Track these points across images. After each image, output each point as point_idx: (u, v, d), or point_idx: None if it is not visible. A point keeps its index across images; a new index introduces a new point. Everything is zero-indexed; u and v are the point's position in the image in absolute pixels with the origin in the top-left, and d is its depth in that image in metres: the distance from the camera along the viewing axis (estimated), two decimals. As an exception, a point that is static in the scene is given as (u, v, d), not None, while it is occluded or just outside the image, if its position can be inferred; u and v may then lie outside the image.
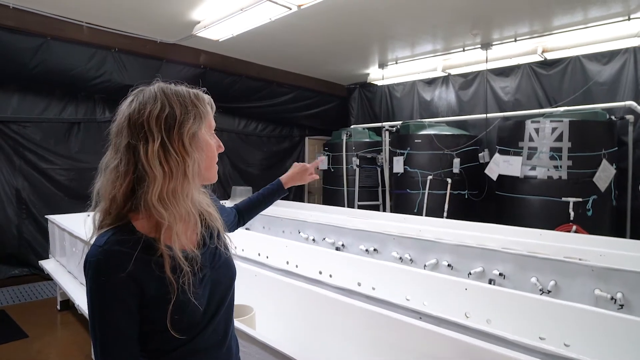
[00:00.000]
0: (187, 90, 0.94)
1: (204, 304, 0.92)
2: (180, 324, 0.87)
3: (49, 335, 3.48)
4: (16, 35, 4.08)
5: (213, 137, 0.98)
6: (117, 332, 0.83)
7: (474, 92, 5.80)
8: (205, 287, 0.93)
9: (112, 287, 0.82)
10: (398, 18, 4.23)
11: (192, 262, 0.90)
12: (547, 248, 2.75)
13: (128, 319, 0.83)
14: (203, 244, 0.97)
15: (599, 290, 2.31)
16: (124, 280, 0.81)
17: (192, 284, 0.87)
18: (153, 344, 0.89)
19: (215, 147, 0.98)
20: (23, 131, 4.73)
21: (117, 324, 0.83)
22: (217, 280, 0.97)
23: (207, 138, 0.95)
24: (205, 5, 3.88)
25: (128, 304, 0.83)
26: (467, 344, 1.35)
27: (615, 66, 4.59)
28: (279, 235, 4.10)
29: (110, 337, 0.83)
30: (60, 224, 3.72)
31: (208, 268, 0.96)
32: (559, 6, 3.84)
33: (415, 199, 5.18)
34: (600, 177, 3.99)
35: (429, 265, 2.98)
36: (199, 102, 0.94)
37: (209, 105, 0.98)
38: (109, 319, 0.83)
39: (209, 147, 0.95)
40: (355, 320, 1.69)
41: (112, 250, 0.83)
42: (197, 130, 0.91)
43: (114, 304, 0.82)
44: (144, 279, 0.83)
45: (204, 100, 0.96)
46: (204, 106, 0.94)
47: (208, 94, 1.00)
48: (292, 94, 6.69)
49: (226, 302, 1.00)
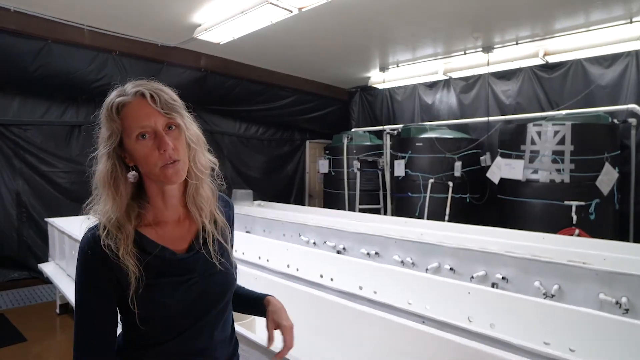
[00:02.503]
0: (110, 102, 0.91)
1: (182, 307, 0.93)
2: (148, 319, 0.90)
3: (48, 339, 3.45)
4: (17, 39, 4.08)
5: (142, 142, 0.89)
6: (89, 312, 0.91)
7: (475, 96, 5.79)
8: (187, 292, 0.94)
9: (88, 270, 0.90)
10: (399, 21, 4.23)
11: (169, 262, 0.94)
12: (550, 252, 2.72)
13: (100, 301, 0.90)
14: (192, 249, 0.98)
15: (604, 295, 2.28)
16: (99, 265, 0.88)
17: (158, 283, 0.91)
18: (133, 337, 0.94)
19: (151, 152, 0.89)
20: (24, 134, 4.72)
21: (90, 304, 0.91)
22: (206, 288, 0.97)
23: (132, 144, 0.89)
24: (207, 8, 3.88)
25: (101, 287, 0.89)
26: (471, 348, 1.33)
27: (617, 69, 4.58)
28: (279, 238, 4.08)
29: (83, 316, 0.91)
30: (60, 226, 3.70)
31: (197, 274, 0.96)
32: (561, 9, 3.83)
33: (417, 202, 5.15)
34: (603, 180, 3.96)
35: (430, 268, 2.95)
36: (111, 114, 0.90)
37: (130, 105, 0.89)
38: (84, 298, 0.91)
39: (136, 153, 0.90)
40: (356, 324, 1.67)
41: (94, 237, 0.89)
42: (110, 146, 0.90)
43: (88, 285, 0.91)
44: (117, 267, 0.88)
45: (115, 110, 0.89)
46: (115, 120, 0.89)
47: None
48: (293, 98, 6.69)
49: (214, 312, 0.99)
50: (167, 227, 0.97)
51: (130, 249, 0.89)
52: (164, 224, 0.97)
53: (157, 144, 0.89)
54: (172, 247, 0.95)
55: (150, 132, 0.89)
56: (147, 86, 0.92)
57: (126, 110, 0.89)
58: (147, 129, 0.89)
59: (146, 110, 0.89)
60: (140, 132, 0.88)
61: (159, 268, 0.92)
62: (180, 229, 0.99)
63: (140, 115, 0.89)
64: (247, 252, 3.26)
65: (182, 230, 0.99)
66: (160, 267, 0.92)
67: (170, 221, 0.98)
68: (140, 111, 0.89)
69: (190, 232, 1.00)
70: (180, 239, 0.98)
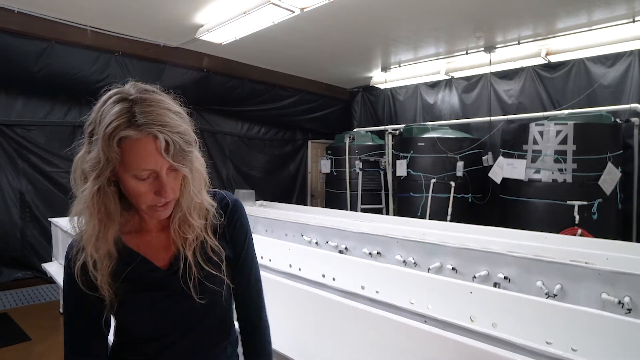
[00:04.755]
0: (110, 126, 0.76)
1: (163, 321, 0.93)
2: (133, 330, 0.94)
3: (51, 339, 3.47)
4: (20, 39, 4.11)
5: (139, 182, 0.80)
6: (72, 315, 0.94)
7: (478, 95, 5.78)
8: (168, 307, 0.93)
9: (70, 277, 0.89)
10: (401, 21, 4.23)
11: (148, 278, 0.92)
12: (553, 251, 2.71)
13: (80, 305, 0.91)
14: (172, 268, 0.94)
15: (606, 294, 2.27)
16: (80, 270, 0.87)
17: (134, 298, 0.91)
18: (126, 346, 0.97)
19: (146, 192, 0.82)
20: (27, 134, 4.75)
21: (72, 307, 0.94)
22: (189, 305, 0.92)
23: (127, 178, 0.81)
24: (209, 8, 3.89)
25: (82, 292, 0.88)
26: (473, 348, 1.33)
27: (620, 69, 4.57)
28: (281, 238, 4.08)
29: (67, 318, 0.94)
30: (63, 226, 3.71)
31: (173, 293, 0.92)
32: (563, 8, 3.82)
33: (419, 202, 5.15)
34: (606, 180, 3.95)
35: (433, 268, 2.95)
36: (110, 142, 0.76)
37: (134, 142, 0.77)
38: (67, 301, 0.95)
39: (129, 186, 0.82)
40: (358, 323, 1.67)
41: (78, 243, 0.89)
42: (101, 172, 0.79)
43: (70, 290, 0.91)
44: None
45: (116, 141, 0.76)
46: (113, 149, 0.76)
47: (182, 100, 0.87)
48: (295, 98, 6.70)
49: (200, 328, 0.97)
50: (149, 235, 0.95)
51: (108, 272, 0.87)
52: (147, 232, 0.95)
53: (156, 187, 0.81)
54: (152, 258, 0.93)
55: (151, 174, 0.81)
56: (161, 123, 0.77)
57: (130, 146, 0.77)
58: (149, 172, 0.80)
59: (154, 155, 0.78)
60: (141, 174, 0.79)
61: (136, 282, 0.91)
62: (163, 238, 0.96)
63: (146, 158, 0.78)
64: (250, 252, 3.26)
65: (165, 239, 0.96)
66: (137, 281, 0.91)
67: (154, 229, 0.95)
68: (147, 153, 0.77)
69: (173, 243, 0.95)
70: (162, 248, 0.95)
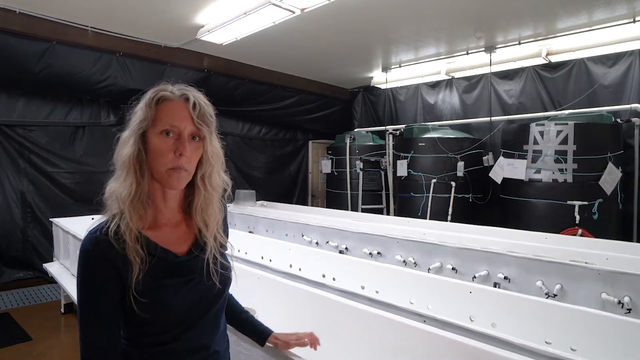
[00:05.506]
0: (155, 91, 0.97)
1: (185, 307, 0.96)
2: (153, 319, 0.92)
3: (52, 338, 3.48)
4: (22, 40, 4.12)
5: (163, 139, 0.93)
6: (94, 314, 0.90)
7: (478, 96, 5.78)
8: (189, 292, 0.97)
9: (91, 269, 0.89)
10: (401, 21, 4.23)
11: (172, 264, 0.96)
12: (553, 251, 2.71)
13: (105, 303, 0.90)
14: (192, 252, 1.01)
15: (606, 294, 2.27)
16: (101, 264, 0.88)
17: (163, 285, 0.93)
18: (136, 337, 0.96)
19: (167, 150, 0.93)
20: (28, 135, 4.76)
21: (95, 306, 0.90)
22: (206, 289, 1.00)
23: (153, 137, 0.94)
24: (209, 9, 3.90)
25: (106, 289, 0.89)
26: (472, 347, 1.33)
27: (620, 69, 4.57)
28: (282, 238, 4.09)
29: (88, 318, 0.90)
30: (65, 226, 3.72)
31: (197, 275, 1.00)
32: (564, 8, 3.82)
33: (419, 202, 5.16)
34: (606, 180, 3.95)
35: (433, 268, 2.95)
36: (151, 102, 0.95)
37: (171, 102, 0.95)
38: (87, 298, 0.90)
39: (153, 146, 0.93)
40: (358, 322, 1.67)
41: (98, 239, 0.90)
42: (138, 128, 0.93)
43: (91, 284, 0.90)
44: (120, 266, 0.89)
45: (156, 101, 0.95)
46: (152, 107, 0.94)
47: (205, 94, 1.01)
48: (296, 98, 6.71)
49: (214, 310, 1.03)
50: (165, 229, 1.00)
51: (142, 234, 0.93)
52: (163, 227, 1.00)
53: (177, 146, 0.93)
54: (172, 249, 0.98)
55: (175, 133, 0.94)
56: (194, 93, 0.97)
57: (165, 104, 0.95)
58: (174, 129, 0.93)
59: (183, 113, 0.94)
60: (167, 129, 0.93)
61: (163, 269, 0.94)
62: (178, 232, 1.02)
63: (175, 115, 0.94)
64: (250, 252, 3.28)
65: (180, 233, 1.02)
66: (164, 268, 0.95)
67: (169, 224, 1.01)
68: (177, 111, 0.94)
69: (188, 235, 1.03)
70: (178, 241, 1.01)
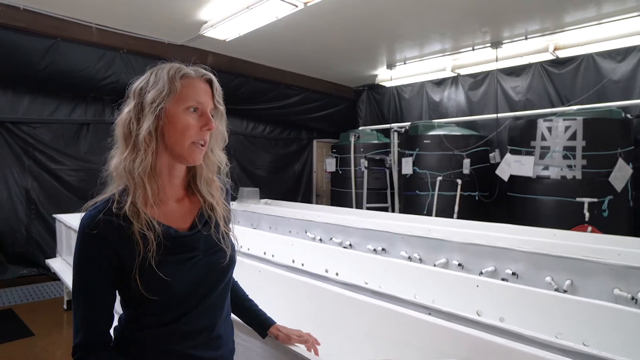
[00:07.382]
0: (174, 67, 0.96)
1: (188, 285, 0.94)
2: (156, 296, 0.89)
3: (55, 334, 3.47)
4: (26, 36, 4.13)
5: (190, 114, 0.94)
6: (88, 288, 0.90)
7: (484, 93, 5.72)
8: (192, 269, 0.95)
9: (88, 247, 0.89)
10: (406, 16, 4.19)
11: (174, 240, 0.94)
12: (562, 247, 2.65)
13: (99, 281, 0.90)
14: (195, 226, 1.00)
15: (619, 290, 2.20)
16: (100, 243, 0.88)
17: (165, 260, 0.91)
18: (136, 318, 0.95)
19: (194, 125, 0.94)
20: (33, 132, 4.77)
21: (88, 283, 0.90)
22: (209, 266, 0.99)
23: (178, 112, 0.93)
24: (213, 4, 3.88)
25: (101, 265, 0.89)
26: (479, 339, 1.28)
27: (630, 63, 4.48)
28: (285, 235, 4.04)
29: (81, 293, 0.90)
30: (67, 222, 3.72)
31: (200, 252, 0.98)
32: (571, 2, 3.76)
33: (425, 200, 5.09)
34: (617, 176, 3.87)
35: (438, 264, 2.89)
36: (175, 76, 0.94)
37: (194, 80, 0.96)
38: (82, 276, 0.90)
39: (178, 121, 0.93)
40: (361, 315, 1.63)
41: (95, 216, 0.89)
42: (161, 101, 0.91)
43: (86, 263, 0.90)
44: (120, 245, 0.89)
45: (180, 76, 0.94)
46: (176, 82, 0.93)
47: (215, 74, 1.01)
48: (300, 96, 6.68)
49: (218, 289, 1.01)
50: (168, 206, 0.99)
51: (148, 209, 0.92)
52: (165, 203, 0.98)
53: (203, 121, 0.95)
54: (174, 226, 0.97)
55: (200, 109, 0.96)
56: (212, 76, 1.00)
57: (189, 81, 0.96)
58: (201, 105, 0.95)
59: (206, 94, 0.97)
60: (194, 105, 0.94)
61: (165, 245, 0.92)
62: (181, 209, 1.01)
63: (200, 92, 0.96)
64: (252, 248, 3.24)
65: (183, 210, 1.01)
66: (166, 244, 0.92)
67: (171, 201, 1.00)
68: (201, 90, 0.97)
69: (191, 212, 1.02)
70: (181, 218, 1.00)
